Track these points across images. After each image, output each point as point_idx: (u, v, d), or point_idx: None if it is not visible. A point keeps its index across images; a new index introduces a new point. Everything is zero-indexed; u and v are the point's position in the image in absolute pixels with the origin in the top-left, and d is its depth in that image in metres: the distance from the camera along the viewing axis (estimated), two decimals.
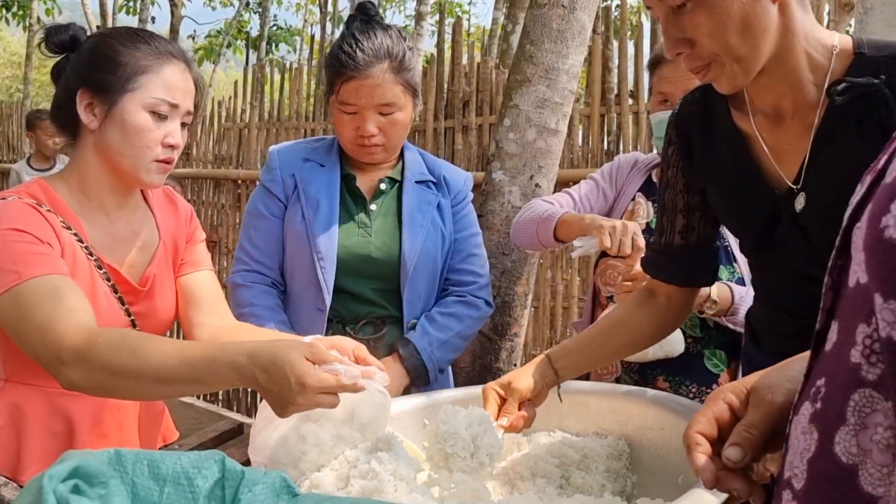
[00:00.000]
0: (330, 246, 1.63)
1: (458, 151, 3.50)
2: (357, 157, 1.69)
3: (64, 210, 1.30)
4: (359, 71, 1.56)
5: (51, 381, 1.25)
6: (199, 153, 5.08)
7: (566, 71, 2.06)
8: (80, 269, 1.28)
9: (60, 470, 0.51)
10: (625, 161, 1.90)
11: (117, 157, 1.32)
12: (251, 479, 0.75)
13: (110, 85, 1.29)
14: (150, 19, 15.46)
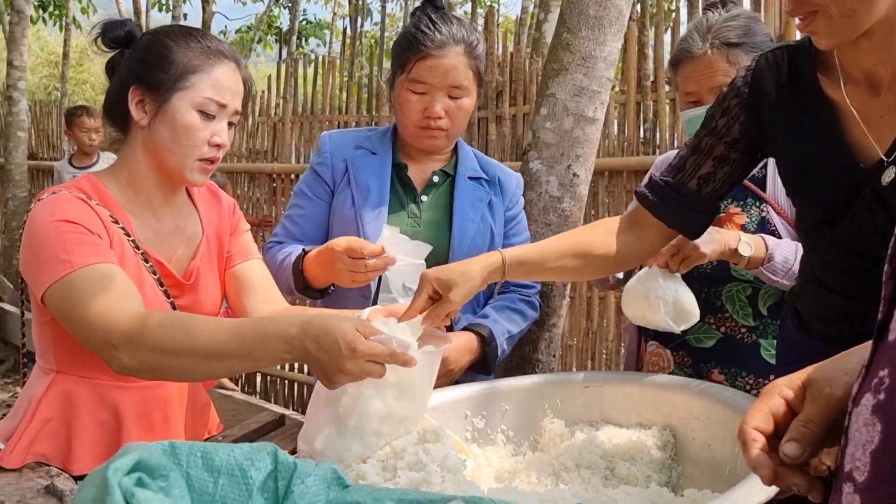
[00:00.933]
0: (378, 232, 1.59)
1: (491, 142, 3.48)
2: (417, 143, 1.69)
3: (112, 204, 1.33)
4: (436, 49, 1.58)
5: (100, 373, 1.31)
6: (234, 147, 5.13)
7: (603, 58, 2.03)
8: (128, 262, 1.31)
9: (125, 462, 0.51)
10: (664, 162, 1.84)
11: (165, 155, 1.34)
12: (303, 471, 0.75)
13: (162, 83, 1.31)
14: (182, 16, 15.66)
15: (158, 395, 1.39)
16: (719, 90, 1.58)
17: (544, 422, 1.47)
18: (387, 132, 1.76)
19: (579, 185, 2.09)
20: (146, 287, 1.33)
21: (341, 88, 4.54)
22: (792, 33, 2.68)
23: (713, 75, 1.59)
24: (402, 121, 1.68)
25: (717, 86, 1.58)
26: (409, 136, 1.68)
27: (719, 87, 1.57)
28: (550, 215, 2.08)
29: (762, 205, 1.65)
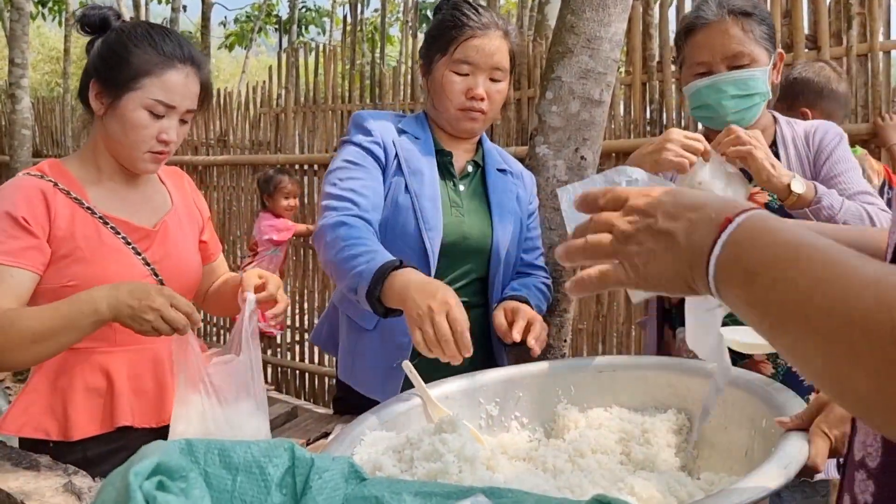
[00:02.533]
0: (436, 219, 1.61)
1: (497, 126, 3.46)
2: (456, 125, 1.68)
3: (69, 179, 1.45)
4: (481, 29, 1.60)
5: (89, 339, 1.39)
6: (236, 139, 5.12)
7: (609, 39, 2.01)
8: (83, 227, 1.42)
9: (145, 466, 0.51)
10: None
11: (116, 146, 1.46)
12: (321, 466, 0.75)
13: (115, 81, 1.41)
14: (181, 8, 15.60)
15: (148, 356, 1.49)
16: (733, 59, 1.60)
17: (558, 408, 1.47)
18: (421, 119, 1.75)
19: (587, 168, 2.07)
20: (108, 247, 1.43)
21: (343, 77, 4.52)
22: (799, 10, 2.64)
23: (728, 42, 1.59)
24: (442, 103, 1.66)
25: (731, 54, 1.59)
26: (450, 118, 1.67)
27: (733, 55, 1.59)
28: (559, 200, 2.07)
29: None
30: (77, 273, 1.40)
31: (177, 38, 1.47)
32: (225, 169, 5.09)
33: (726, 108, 1.63)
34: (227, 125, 5.19)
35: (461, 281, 1.68)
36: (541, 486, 1.10)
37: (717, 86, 1.62)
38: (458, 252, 1.65)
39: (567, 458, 1.28)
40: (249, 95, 5.04)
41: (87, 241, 1.41)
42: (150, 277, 1.48)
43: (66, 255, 1.40)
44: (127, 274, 1.43)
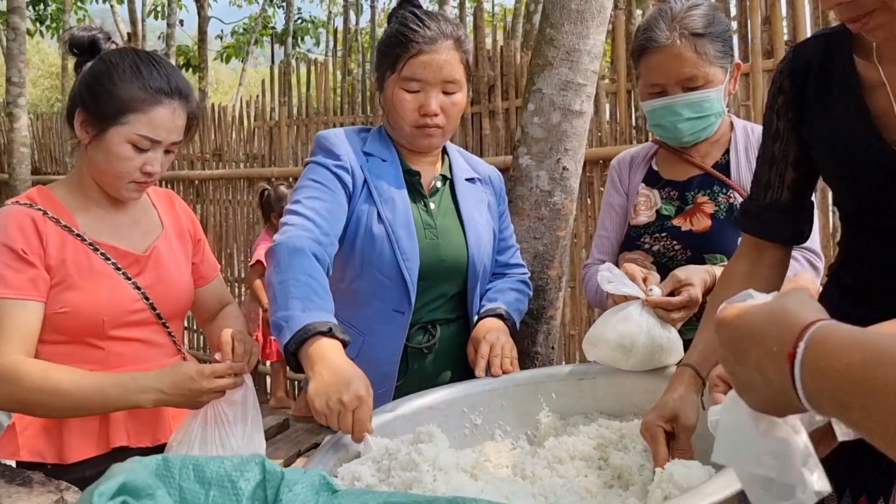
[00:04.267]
0: (413, 246, 1.57)
1: (486, 137, 3.50)
2: (413, 143, 1.63)
3: (58, 207, 1.44)
4: (428, 44, 1.54)
5: (82, 362, 1.41)
6: (231, 153, 5.17)
7: (587, 52, 2.05)
8: (74, 254, 1.42)
9: (109, 487, 0.54)
10: (620, 164, 1.88)
11: (99, 174, 1.47)
12: (291, 479, 0.78)
13: (102, 114, 1.40)
14: (178, 23, 15.68)
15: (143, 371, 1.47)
16: (687, 81, 1.58)
17: (540, 416, 1.50)
18: (383, 136, 1.69)
19: (570, 178, 2.11)
20: (99, 274, 1.43)
21: (335, 89, 4.56)
22: (779, 16, 2.68)
23: (681, 66, 1.57)
24: (396, 122, 1.62)
25: (685, 77, 1.58)
26: (405, 136, 1.63)
27: (687, 78, 1.58)
28: (542, 209, 2.11)
29: (729, 191, 1.67)
30: (69, 300, 1.40)
31: (165, 69, 1.45)
32: (220, 183, 5.14)
33: (682, 130, 1.64)
34: (221, 139, 5.23)
35: (440, 300, 1.67)
36: (518, 493, 1.13)
37: (672, 108, 1.62)
38: (436, 275, 1.63)
39: (546, 464, 1.31)
40: (243, 109, 5.09)
41: (79, 268, 1.41)
42: (142, 302, 1.48)
43: (58, 282, 1.40)
44: (118, 299, 1.44)
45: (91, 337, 1.43)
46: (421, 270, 1.59)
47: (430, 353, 1.67)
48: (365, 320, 1.60)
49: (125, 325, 1.47)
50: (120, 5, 14.98)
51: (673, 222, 1.71)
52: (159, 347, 1.54)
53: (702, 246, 1.66)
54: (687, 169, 1.74)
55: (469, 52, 1.65)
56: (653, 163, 1.81)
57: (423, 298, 1.63)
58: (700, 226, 1.68)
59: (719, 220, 1.66)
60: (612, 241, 1.84)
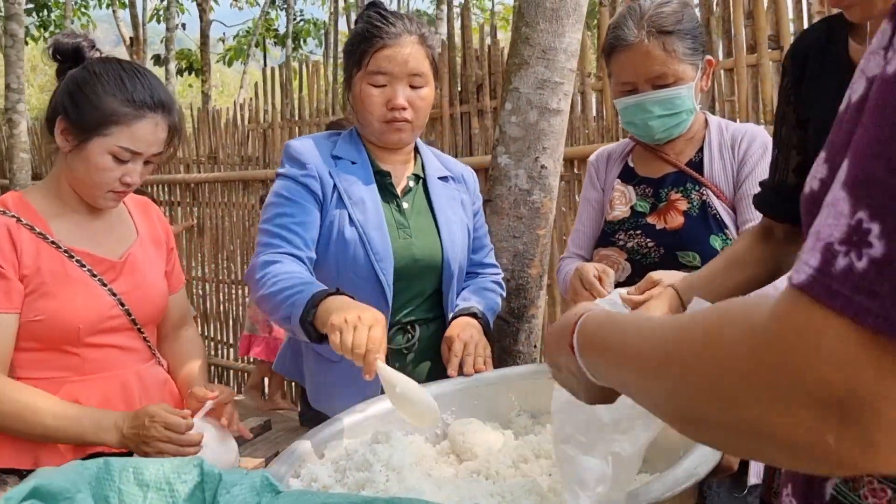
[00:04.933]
0: (385, 246, 1.59)
1: (475, 136, 3.50)
2: (382, 139, 1.64)
3: (32, 214, 1.44)
4: (391, 38, 1.57)
5: (57, 370, 1.43)
6: (226, 156, 5.19)
7: (563, 50, 2.05)
8: (49, 262, 1.42)
9: (19, 491, 0.55)
10: (598, 159, 1.89)
11: (78, 184, 1.47)
12: (229, 481, 0.79)
13: (84, 125, 1.41)
14: (180, 26, 15.73)
15: (116, 383, 1.49)
16: (656, 79, 1.58)
17: (511, 414, 1.50)
18: (354, 138, 1.70)
19: (548, 176, 2.11)
20: (75, 281, 1.43)
21: (327, 90, 4.57)
22: (761, 10, 2.67)
23: (650, 64, 1.58)
24: (364, 118, 1.63)
25: (654, 75, 1.58)
26: (374, 132, 1.64)
27: (657, 76, 1.58)
28: (521, 208, 2.11)
29: (702, 189, 1.67)
30: (44, 308, 1.40)
31: (148, 81, 1.45)
32: (216, 185, 5.16)
33: (653, 127, 1.65)
34: (216, 142, 5.25)
35: (416, 300, 1.68)
36: (476, 493, 1.13)
37: (643, 105, 1.62)
38: (411, 275, 1.64)
39: (511, 463, 1.31)
40: (237, 112, 5.10)
41: (53, 275, 1.41)
42: (117, 308, 1.48)
43: (33, 290, 1.40)
44: (94, 306, 1.44)
45: (66, 344, 1.44)
46: (396, 270, 1.60)
47: (409, 354, 1.67)
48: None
49: (101, 332, 1.47)
50: (122, 10, 15.06)
51: (647, 220, 1.72)
52: (134, 353, 1.55)
53: (674, 244, 1.67)
54: (661, 166, 1.74)
55: (435, 48, 1.67)
56: (629, 159, 1.82)
57: (400, 299, 1.64)
58: (673, 223, 1.68)
59: (692, 218, 1.66)
60: (587, 236, 1.85)
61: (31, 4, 16.38)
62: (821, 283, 0.41)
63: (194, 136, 5.35)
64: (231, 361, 5.32)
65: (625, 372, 0.60)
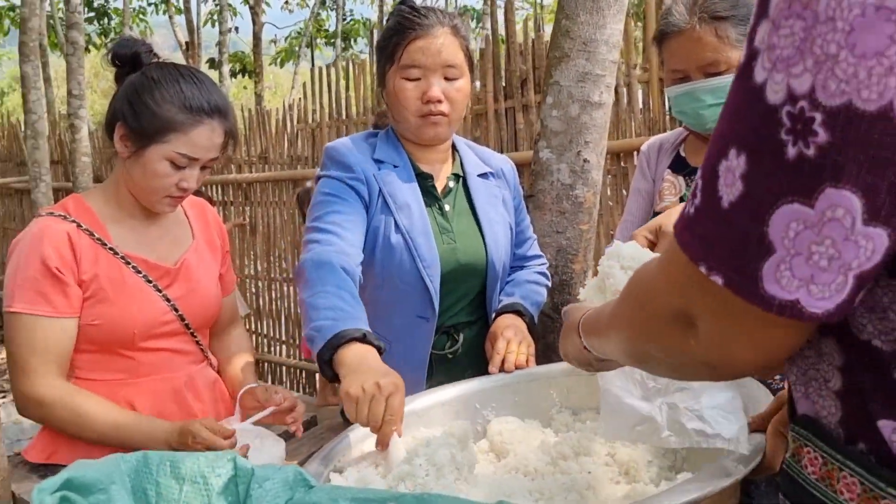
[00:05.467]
0: (432, 253, 1.57)
1: (520, 131, 3.48)
2: (419, 135, 1.61)
3: (91, 219, 1.47)
4: (424, 29, 1.55)
5: (114, 372, 1.47)
6: (276, 156, 5.28)
7: (605, 41, 2.02)
8: (107, 268, 1.45)
9: (52, 482, 0.57)
10: (649, 149, 1.85)
11: (136, 189, 1.49)
12: (261, 475, 0.80)
13: (142, 132, 1.43)
14: (233, 29, 16.04)
15: (168, 385, 1.53)
16: (708, 66, 1.53)
17: (552, 412, 1.49)
18: (390, 137, 1.67)
19: (591, 170, 2.08)
20: (131, 286, 1.46)
21: (372, 89, 4.61)
22: None
23: (701, 51, 1.52)
24: (400, 114, 1.59)
25: (706, 62, 1.53)
26: (410, 128, 1.60)
27: (708, 63, 1.52)
28: (564, 203, 2.09)
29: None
30: (101, 313, 1.43)
31: (206, 87, 1.47)
32: (267, 185, 5.25)
33: (705, 117, 1.59)
34: (267, 143, 5.35)
35: (460, 303, 1.66)
36: (515, 490, 1.13)
37: (694, 94, 1.57)
38: (455, 279, 1.62)
39: (550, 460, 1.30)
40: (286, 113, 5.19)
41: (111, 281, 1.44)
42: (171, 313, 1.51)
43: (91, 296, 1.43)
44: (149, 311, 1.47)
45: (122, 348, 1.47)
46: (441, 275, 1.58)
47: (453, 358, 1.67)
48: (390, 328, 1.57)
49: (155, 336, 1.50)
50: (178, 15, 15.45)
51: None
52: (186, 356, 1.58)
53: None
54: None
55: (468, 37, 1.64)
56: (681, 149, 1.78)
57: (445, 303, 1.62)
58: None
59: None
60: (636, 227, 1.81)
61: (92, 13, 16.96)
62: (677, 225, 0.55)
63: (246, 136, 5.46)
64: (283, 358, 5.42)
65: (603, 342, 0.84)
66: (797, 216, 0.47)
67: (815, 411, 0.60)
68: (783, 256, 0.48)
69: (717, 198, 0.50)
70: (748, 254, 0.49)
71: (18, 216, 8.26)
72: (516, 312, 1.65)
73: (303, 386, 5.24)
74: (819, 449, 0.59)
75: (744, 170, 0.48)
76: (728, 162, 0.50)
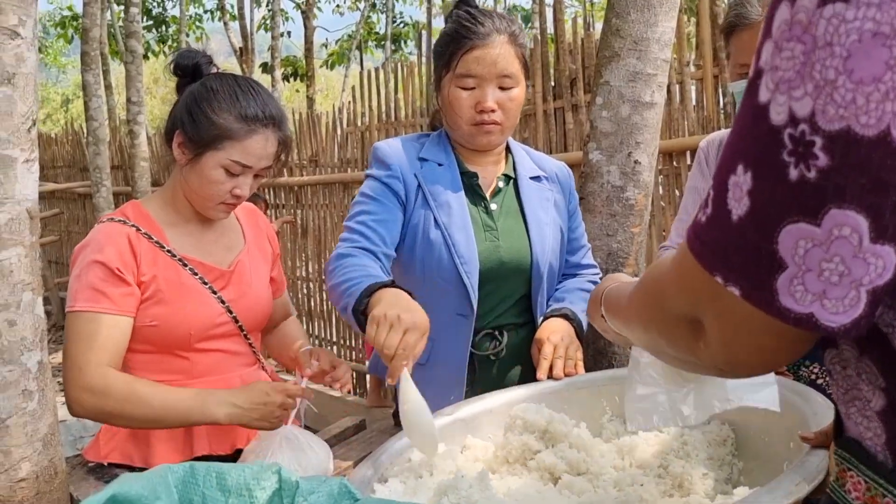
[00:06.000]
0: (471, 249, 1.57)
1: (569, 131, 3.44)
2: (471, 141, 1.62)
3: (150, 223, 1.52)
4: (481, 39, 1.54)
5: (170, 374, 1.50)
6: (326, 159, 5.33)
7: (656, 40, 1.97)
8: (165, 270, 1.49)
9: (97, 499, 0.57)
10: (710, 145, 1.77)
11: (191, 195, 1.53)
12: (306, 488, 0.80)
13: (199, 139, 1.47)
14: (286, 34, 16.26)
15: (222, 386, 1.54)
16: None
17: (603, 419, 1.46)
18: (442, 140, 1.68)
19: (642, 172, 2.04)
20: (189, 288, 1.50)
21: (421, 91, 4.61)
22: None
23: None
24: (453, 121, 1.61)
25: None
26: (463, 135, 1.62)
27: None
28: (614, 205, 2.05)
29: None
30: (158, 314, 1.47)
31: (261, 97, 1.51)
32: (318, 188, 5.31)
33: None
34: (317, 146, 5.41)
35: (504, 304, 1.64)
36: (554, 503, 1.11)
37: None
38: (498, 278, 1.60)
39: (598, 470, 1.27)
40: (336, 116, 5.24)
41: (168, 283, 1.48)
42: (226, 315, 1.55)
43: (149, 297, 1.47)
44: (204, 313, 1.51)
45: (178, 348, 1.51)
46: (482, 273, 1.58)
47: (497, 360, 1.65)
48: (430, 327, 1.59)
49: (210, 338, 1.54)
50: (233, 22, 15.76)
51: None
52: (239, 357, 1.61)
53: None
54: None
55: (525, 46, 1.62)
56: None
57: (488, 303, 1.62)
58: None
59: None
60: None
61: (151, 21, 17.45)
62: (689, 232, 0.55)
63: (297, 140, 5.53)
64: None
65: (622, 325, 0.85)
66: (804, 234, 0.47)
67: (859, 433, 0.59)
68: (795, 272, 0.48)
69: (726, 210, 0.50)
70: (762, 267, 0.49)
71: (82, 220, 8.54)
72: (564, 317, 1.62)
73: (354, 387, 5.28)
74: (862, 473, 0.58)
75: (750, 186, 0.49)
76: (736, 177, 0.50)
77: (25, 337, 1.24)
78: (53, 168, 9.40)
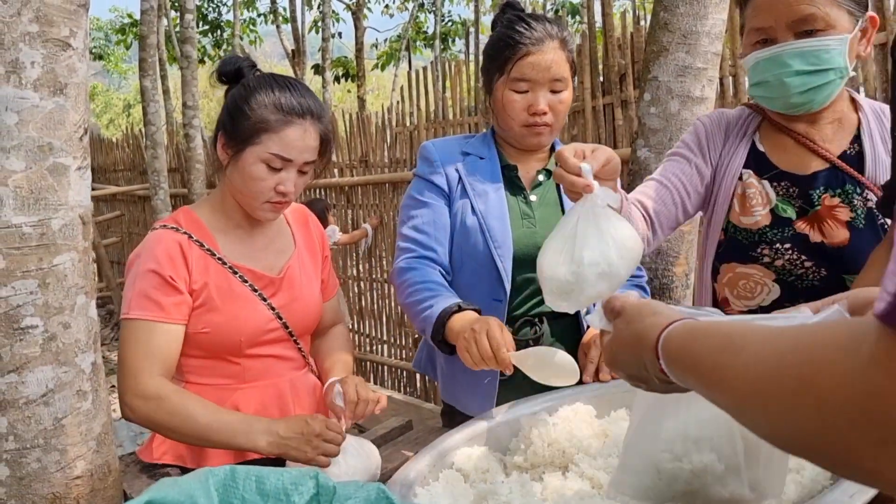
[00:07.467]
0: (505, 234, 1.63)
1: (618, 127, 3.38)
2: (523, 142, 1.69)
3: (201, 230, 1.53)
4: (535, 45, 1.60)
5: (222, 377, 1.52)
6: (376, 159, 5.36)
7: (706, 33, 1.92)
8: (216, 277, 1.50)
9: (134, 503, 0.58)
10: (712, 123, 1.57)
11: (237, 195, 1.54)
12: (343, 493, 0.80)
13: (238, 136, 1.48)
14: (337, 35, 16.44)
15: (273, 391, 1.57)
16: (801, 22, 1.30)
17: None
18: (486, 137, 1.77)
19: None
20: (238, 296, 1.51)
21: (469, 90, 4.60)
22: None
23: (795, 2, 1.29)
24: (505, 122, 1.68)
25: (798, 17, 1.29)
26: (515, 136, 1.69)
27: (801, 18, 1.29)
28: None
29: (864, 192, 1.38)
30: (210, 321, 1.49)
31: (299, 91, 1.50)
32: (368, 188, 5.35)
33: (789, 86, 1.33)
34: (367, 146, 5.45)
35: (533, 291, 1.65)
36: None
37: (780, 58, 1.32)
38: (534, 263, 1.62)
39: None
40: (385, 117, 5.26)
41: (219, 290, 1.49)
42: (276, 321, 1.56)
43: (201, 304, 1.49)
44: (255, 320, 1.52)
45: (229, 354, 1.53)
46: (517, 259, 1.63)
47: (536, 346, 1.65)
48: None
49: (260, 344, 1.55)
50: (285, 24, 16.02)
51: (796, 228, 1.41)
52: (289, 361, 1.62)
53: (840, 264, 1.38)
54: (806, 157, 1.42)
55: (573, 50, 1.68)
56: (756, 139, 1.50)
57: (525, 289, 1.65)
58: (835, 238, 1.38)
59: (859, 231, 1.38)
60: (670, 195, 1.53)
61: (207, 26, 17.87)
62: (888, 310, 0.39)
63: (347, 141, 5.58)
64: (385, 358, 5.51)
65: (717, 394, 0.60)
66: None
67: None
68: None
69: None
70: None
71: (142, 221, 8.80)
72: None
73: (403, 385, 5.31)
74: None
75: None
76: None
77: (79, 339, 1.27)
78: (115, 171, 9.71)
